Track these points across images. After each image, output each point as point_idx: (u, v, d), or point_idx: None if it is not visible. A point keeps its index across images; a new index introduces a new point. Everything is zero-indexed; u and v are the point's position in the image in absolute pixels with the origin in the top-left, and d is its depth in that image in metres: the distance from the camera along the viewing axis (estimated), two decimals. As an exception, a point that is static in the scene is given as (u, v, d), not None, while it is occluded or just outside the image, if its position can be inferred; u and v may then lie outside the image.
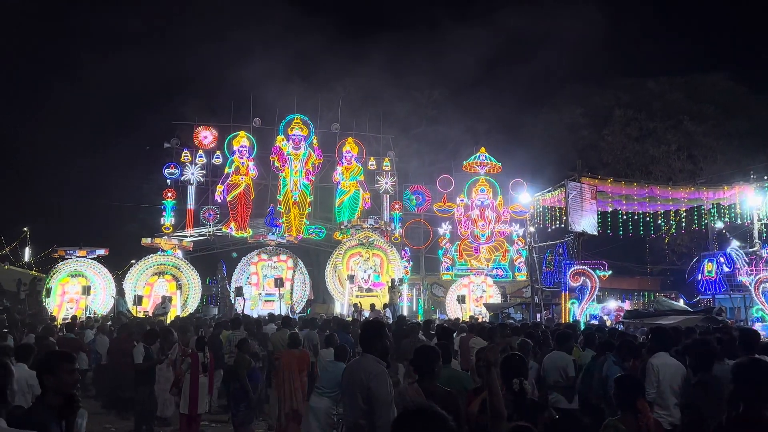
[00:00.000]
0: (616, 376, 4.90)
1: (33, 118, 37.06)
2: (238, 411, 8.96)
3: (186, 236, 27.54)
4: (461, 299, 25.28)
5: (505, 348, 5.32)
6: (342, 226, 28.23)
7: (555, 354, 7.60)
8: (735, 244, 22.51)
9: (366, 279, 25.95)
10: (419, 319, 21.98)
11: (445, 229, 29.76)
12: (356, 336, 11.00)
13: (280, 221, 28.22)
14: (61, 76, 43.38)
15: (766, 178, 22.65)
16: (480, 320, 19.18)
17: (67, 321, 16.46)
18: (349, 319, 18.30)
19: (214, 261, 28.28)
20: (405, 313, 22.99)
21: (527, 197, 26.01)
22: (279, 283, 23.21)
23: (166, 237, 26.86)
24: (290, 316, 16.20)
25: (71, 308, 22.51)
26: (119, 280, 24.94)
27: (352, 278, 25.20)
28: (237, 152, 28.63)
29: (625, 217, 24.84)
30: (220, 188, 28.20)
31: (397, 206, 30.16)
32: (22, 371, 5.95)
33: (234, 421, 9.07)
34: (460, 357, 9.64)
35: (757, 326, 17.59)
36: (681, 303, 20.56)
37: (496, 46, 38.71)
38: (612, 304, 21.95)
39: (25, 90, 39.66)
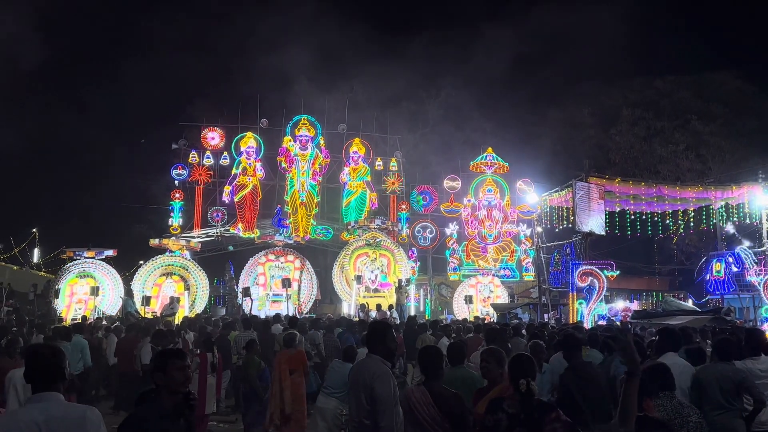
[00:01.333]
0: (622, 376, 4.88)
1: (39, 119, 37.26)
2: (248, 411, 9.00)
3: (194, 237, 27.65)
4: (468, 299, 25.21)
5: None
6: (349, 227, 28.26)
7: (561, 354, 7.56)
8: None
9: (373, 279, 25.95)
10: (426, 319, 21.98)
11: (452, 229, 29.73)
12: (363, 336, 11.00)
13: (288, 222, 28.29)
14: (66, 78, 43.72)
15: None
16: (487, 320, 19.15)
17: (75, 321, 16.52)
18: (356, 319, 18.31)
19: (221, 261, 28.38)
20: (412, 313, 22.99)
21: (534, 197, 25.94)
22: (286, 283, 23.25)
23: (174, 238, 26.98)
24: (297, 316, 16.24)
25: (80, 309, 22.61)
26: (127, 280, 25.04)
27: (359, 279, 25.22)
28: (244, 153, 28.72)
29: (633, 217, 24.76)
30: (227, 189, 28.30)
31: (404, 206, 30.17)
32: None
33: (245, 421, 9.11)
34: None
35: (766, 326, 17.51)
36: (690, 303, 20.48)
37: (503, 48, 38.76)
38: (620, 304, 21.86)
39: (29, 91, 39.88)
